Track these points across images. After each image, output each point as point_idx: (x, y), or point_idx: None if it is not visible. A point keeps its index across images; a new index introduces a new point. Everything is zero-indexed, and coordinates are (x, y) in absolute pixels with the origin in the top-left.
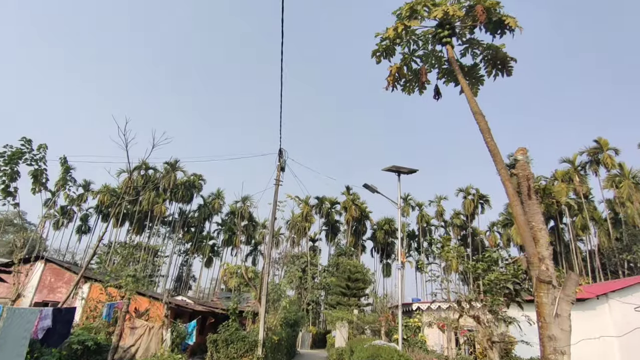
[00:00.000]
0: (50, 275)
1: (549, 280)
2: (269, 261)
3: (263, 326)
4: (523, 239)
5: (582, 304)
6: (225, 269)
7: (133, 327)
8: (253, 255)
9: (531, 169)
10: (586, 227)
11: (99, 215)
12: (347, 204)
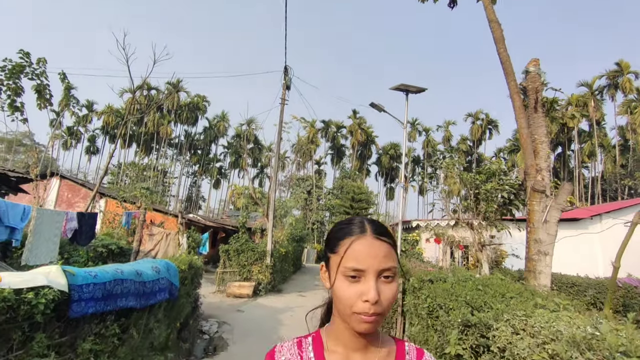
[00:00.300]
0: (66, 191)
1: (543, 189)
2: (275, 175)
3: (271, 239)
4: (524, 151)
5: (576, 223)
6: (233, 190)
7: (151, 233)
8: (260, 177)
9: (541, 82)
10: (593, 154)
11: (106, 136)
12: (353, 128)
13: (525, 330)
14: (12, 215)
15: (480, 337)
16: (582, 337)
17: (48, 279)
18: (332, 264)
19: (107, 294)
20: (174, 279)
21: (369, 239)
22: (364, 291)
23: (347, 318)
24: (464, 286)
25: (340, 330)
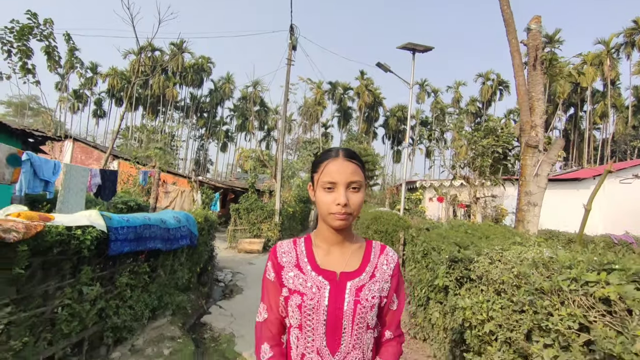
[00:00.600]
0: (80, 153)
1: (536, 144)
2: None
3: (279, 198)
4: (520, 108)
5: (579, 183)
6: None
7: (166, 191)
8: (266, 140)
9: (541, 39)
10: (605, 115)
11: (112, 99)
12: (360, 90)
13: (500, 261)
14: (46, 170)
15: (464, 270)
16: (540, 259)
17: (90, 220)
18: (315, 181)
19: (138, 236)
20: (193, 228)
21: (340, 160)
22: (336, 198)
23: (326, 218)
24: (456, 231)
25: (323, 230)
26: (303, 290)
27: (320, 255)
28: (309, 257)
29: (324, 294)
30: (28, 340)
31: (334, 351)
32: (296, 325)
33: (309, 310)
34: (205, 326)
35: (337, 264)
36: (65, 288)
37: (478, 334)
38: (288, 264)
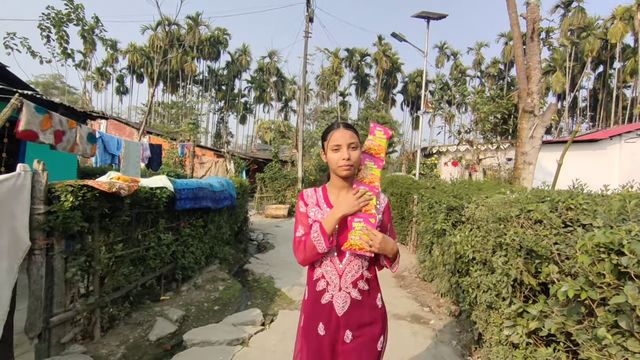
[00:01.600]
0: (113, 130)
1: (532, 110)
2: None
3: (301, 167)
4: (518, 77)
5: (595, 144)
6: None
7: (202, 162)
8: (284, 111)
9: (539, 13)
10: (635, 72)
11: (133, 75)
12: (378, 56)
13: (484, 205)
14: (112, 145)
15: (457, 215)
16: (509, 199)
17: (162, 182)
18: (325, 146)
19: (194, 196)
20: (232, 191)
21: (341, 129)
22: (341, 155)
23: (335, 170)
24: (456, 187)
25: (334, 180)
26: (321, 219)
27: (333, 197)
28: (325, 199)
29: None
30: (130, 270)
31: (342, 260)
32: None
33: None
34: (247, 272)
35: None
36: (150, 234)
37: (464, 261)
38: (311, 203)
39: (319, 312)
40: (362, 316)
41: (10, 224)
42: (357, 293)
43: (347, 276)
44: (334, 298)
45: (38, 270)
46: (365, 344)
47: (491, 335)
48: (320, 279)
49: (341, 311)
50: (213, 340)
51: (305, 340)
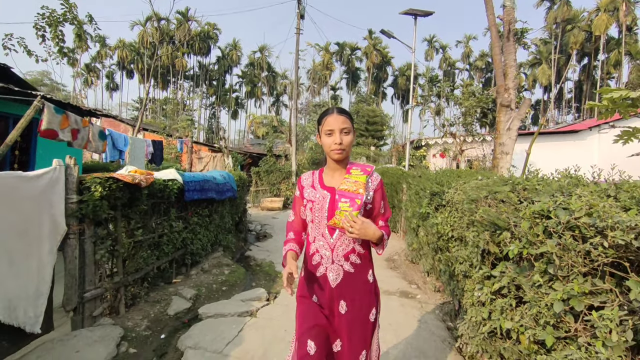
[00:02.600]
0: (108, 126)
1: (508, 104)
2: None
3: (295, 160)
4: (496, 73)
5: (575, 134)
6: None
7: (200, 157)
8: (276, 106)
9: (515, 15)
10: (619, 63)
11: (122, 71)
12: (368, 50)
13: (461, 190)
14: (120, 142)
15: (439, 199)
16: (480, 184)
17: (173, 175)
18: (319, 131)
19: (201, 188)
20: (233, 184)
21: (334, 114)
22: (334, 139)
23: (329, 154)
24: (440, 175)
25: (328, 162)
26: (314, 199)
27: (327, 178)
28: (320, 180)
29: (326, 200)
30: (148, 254)
31: (332, 234)
32: (310, 220)
33: (317, 211)
34: (249, 258)
35: (337, 182)
36: (163, 222)
37: (445, 239)
38: (307, 185)
39: (315, 284)
40: (355, 288)
41: (49, 212)
42: (349, 266)
43: (338, 250)
44: (328, 270)
45: (73, 252)
46: (358, 315)
47: (466, 301)
48: (315, 254)
49: (334, 282)
50: (225, 312)
51: (299, 313)
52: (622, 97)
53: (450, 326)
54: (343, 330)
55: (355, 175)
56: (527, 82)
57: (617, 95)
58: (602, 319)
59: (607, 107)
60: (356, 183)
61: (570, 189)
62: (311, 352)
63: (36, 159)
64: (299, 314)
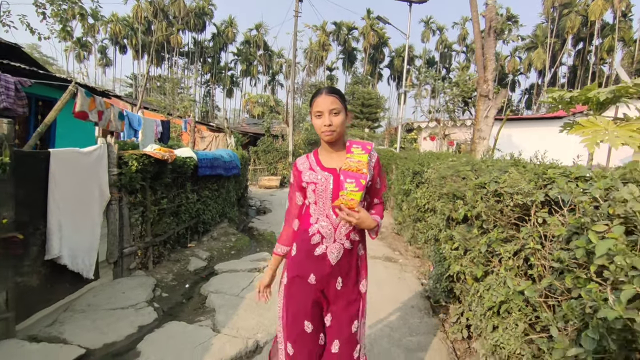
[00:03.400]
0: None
1: (486, 94)
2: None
3: (292, 141)
4: (477, 67)
5: (559, 121)
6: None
7: (202, 136)
8: (272, 85)
9: (496, 12)
10: (612, 49)
11: (115, 46)
12: (365, 30)
13: (436, 169)
14: (134, 121)
15: (419, 178)
16: (451, 164)
17: (188, 153)
18: (310, 113)
19: (211, 165)
20: (237, 162)
21: (323, 95)
22: (323, 121)
23: (320, 135)
24: (422, 157)
25: (323, 145)
26: (316, 181)
27: (325, 160)
28: (317, 162)
29: (329, 182)
30: (170, 220)
31: (337, 215)
32: (313, 202)
33: (321, 193)
34: (252, 229)
35: (337, 163)
36: (180, 194)
37: (422, 210)
38: (305, 169)
39: (311, 263)
40: (350, 262)
41: (98, 182)
42: (349, 243)
43: (341, 229)
44: (328, 249)
45: (114, 215)
46: (351, 288)
47: (434, 259)
48: (316, 234)
49: (335, 260)
50: (237, 269)
51: (290, 294)
52: (561, 96)
53: (424, 282)
54: (338, 305)
55: (357, 154)
56: (523, 66)
57: (557, 95)
58: (507, 252)
59: (552, 104)
60: (359, 163)
61: (507, 169)
62: (308, 330)
63: (56, 136)
64: (292, 294)
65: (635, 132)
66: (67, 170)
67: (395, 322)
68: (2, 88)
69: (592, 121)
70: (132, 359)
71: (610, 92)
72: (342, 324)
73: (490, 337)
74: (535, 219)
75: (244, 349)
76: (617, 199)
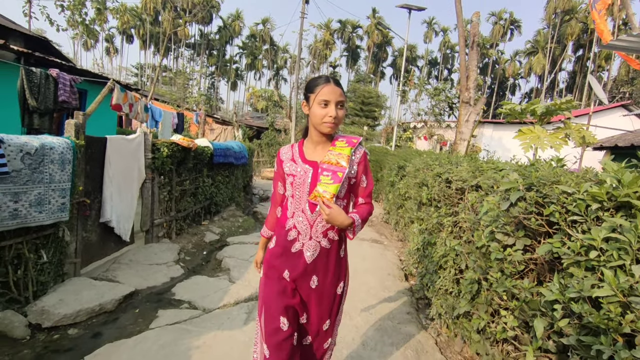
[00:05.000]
0: None
1: (468, 101)
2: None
3: (294, 135)
4: (461, 76)
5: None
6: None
7: (212, 129)
8: (276, 79)
9: (479, 29)
10: (610, 57)
11: (123, 36)
12: (370, 29)
13: (414, 164)
14: (156, 114)
15: (403, 171)
16: (426, 160)
17: (206, 142)
18: (311, 99)
19: (224, 154)
20: (245, 152)
21: (332, 85)
22: (329, 112)
23: (319, 126)
24: (407, 154)
25: (312, 135)
26: (295, 173)
27: (308, 152)
28: (300, 153)
29: (308, 175)
30: (189, 200)
31: (313, 210)
32: (290, 195)
33: (298, 186)
34: (257, 213)
35: (319, 156)
36: (198, 178)
37: (403, 198)
38: (286, 159)
39: (288, 260)
40: (328, 263)
41: (137, 164)
42: (326, 242)
43: (317, 226)
44: (304, 246)
45: (148, 192)
46: (328, 289)
47: (412, 239)
48: (292, 229)
49: (310, 259)
50: (246, 241)
51: (267, 286)
52: (512, 108)
53: (402, 259)
54: (311, 303)
55: (339, 147)
56: (523, 70)
57: (509, 107)
58: (449, 222)
59: (507, 114)
60: (339, 155)
61: (461, 163)
62: (284, 327)
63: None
64: (267, 291)
65: (560, 139)
66: (117, 153)
67: (372, 282)
68: (61, 84)
69: (531, 129)
70: (169, 296)
71: (544, 107)
72: (313, 322)
73: (436, 284)
74: (467, 197)
75: (254, 293)
76: (502, 182)
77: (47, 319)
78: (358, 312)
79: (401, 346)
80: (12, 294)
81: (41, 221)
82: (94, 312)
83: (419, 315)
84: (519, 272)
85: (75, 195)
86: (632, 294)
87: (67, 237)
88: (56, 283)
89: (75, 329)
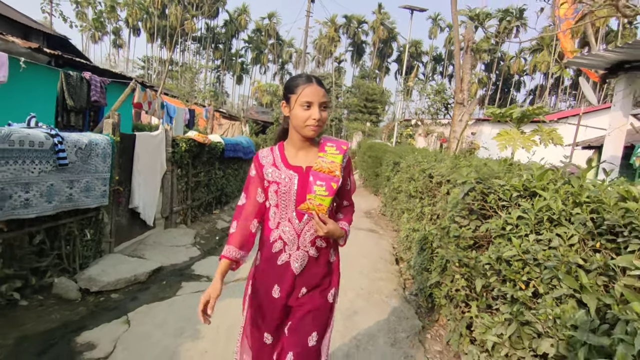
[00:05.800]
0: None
1: (461, 102)
2: None
3: None
4: (456, 78)
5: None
6: (256, 86)
7: (220, 124)
8: (281, 74)
9: (473, 34)
10: None
11: (130, 29)
12: (375, 25)
13: (406, 160)
14: (171, 110)
15: (397, 167)
16: (417, 157)
17: (218, 138)
18: (292, 100)
19: (234, 148)
20: (253, 147)
21: (314, 85)
22: (312, 114)
23: (300, 130)
24: (402, 150)
25: (294, 138)
26: (279, 180)
27: (291, 156)
28: (282, 158)
29: (294, 182)
30: (203, 190)
31: (301, 219)
32: (274, 204)
33: (283, 194)
34: None
35: (303, 161)
36: (211, 171)
37: (397, 191)
38: (267, 164)
39: (274, 274)
40: (318, 272)
41: (160, 157)
42: (314, 251)
43: (305, 235)
44: (291, 257)
45: (168, 183)
46: (317, 296)
47: (403, 228)
48: (277, 241)
49: (298, 270)
50: None
51: (254, 307)
52: (495, 111)
53: (395, 247)
54: (297, 313)
55: (330, 154)
56: (528, 68)
57: (492, 110)
58: (429, 211)
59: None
60: (332, 164)
61: (444, 161)
62: (268, 341)
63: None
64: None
65: (531, 141)
66: (143, 148)
67: (366, 265)
68: (93, 86)
69: (508, 132)
70: (190, 272)
71: (520, 112)
72: (298, 334)
73: (417, 263)
74: (444, 189)
75: None
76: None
77: (94, 284)
78: (351, 288)
79: (386, 313)
80: (64, 265)
81: (88, 205)
82: (130, 282)
83: (404, 292)
84: (470, 246)
85: (112, 184)
86: (527, 253)
87: (106, 219)
88: (95, 258)
89: (117, 294)
